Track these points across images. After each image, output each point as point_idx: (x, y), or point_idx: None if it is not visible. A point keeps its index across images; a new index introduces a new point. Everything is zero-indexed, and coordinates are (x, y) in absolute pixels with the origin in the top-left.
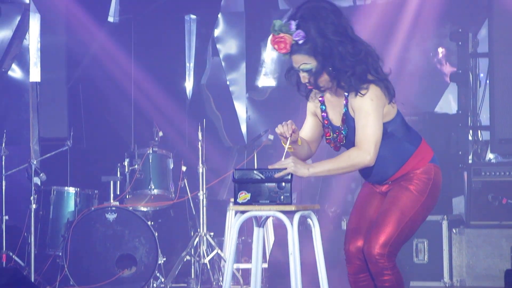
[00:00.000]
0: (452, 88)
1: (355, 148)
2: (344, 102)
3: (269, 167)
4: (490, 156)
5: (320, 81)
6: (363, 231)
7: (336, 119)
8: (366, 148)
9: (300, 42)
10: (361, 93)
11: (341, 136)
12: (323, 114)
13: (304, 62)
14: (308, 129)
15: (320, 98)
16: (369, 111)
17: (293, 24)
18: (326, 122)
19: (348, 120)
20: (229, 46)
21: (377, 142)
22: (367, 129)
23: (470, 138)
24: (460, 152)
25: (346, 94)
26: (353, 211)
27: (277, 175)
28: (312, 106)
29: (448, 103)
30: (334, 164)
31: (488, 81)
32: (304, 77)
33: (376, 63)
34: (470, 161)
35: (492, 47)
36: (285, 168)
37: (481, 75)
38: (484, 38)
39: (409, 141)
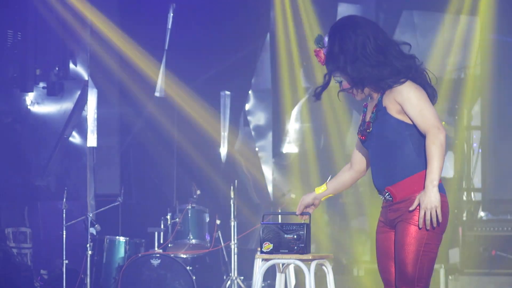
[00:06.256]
0: (449, 156)
1: (429, 135)
2: (380, 95)
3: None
4: (481, 214)
5: (354, 91)
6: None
7: (369, 113)
8: (435, 127)
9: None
10: (399, 83)
11: (369, 124)
12: (363, 115)
13: (336, 75)
14: (355, 151)
15: (365, 104)
16: (417, 96)
17: (327, 38)
18: (361, 121)
19: (378, 108)
20: (258, 118)
21: (438, 116)
22: (424, 111)
23: (464, 198)
24: (456, 211)
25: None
26: (378, 256)
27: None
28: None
29: (446, 169)
30: (436, 161)
31: (480, 150)
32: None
33: (412, 68)
34: (464, 218)
35: (483, 121)
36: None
37: (475, 144)
38: (477, 113)
39: (422, 158)
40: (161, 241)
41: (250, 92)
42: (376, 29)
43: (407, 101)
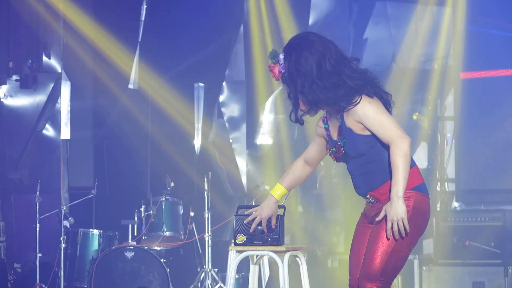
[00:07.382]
0: (423, 147)
1: (392, 146)
2: (339, 115)
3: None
4: (455, 204)
5: (308, 109)
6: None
7: (334, 134)
8: (397, 137)
9: (285, 73)
10: (353, 104)
11: (340, 148)
12: (326, 131)
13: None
14: (311, 149)
15: (324, 118)
16: (373, 111)
17: (282, 55)
18: (327, 138)
19: (343, 131)
20: (232, 110)
21: (399, 126)
22: (384, 123)
23: (438, 189)
24: None
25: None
26: (351, 246)
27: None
28: (318, 127)
29: (420, 159)
30: (400, 173)
31: (454, 141)
32: (292, 104)
33: (366, 84)
34: (438, 209)
35: (457, 111)
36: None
37: (448, 135)
38: (450, 104)
39: None
40: (135, 234)
41: (224, 83)
42: (330, 48)
43: (365, 118)
